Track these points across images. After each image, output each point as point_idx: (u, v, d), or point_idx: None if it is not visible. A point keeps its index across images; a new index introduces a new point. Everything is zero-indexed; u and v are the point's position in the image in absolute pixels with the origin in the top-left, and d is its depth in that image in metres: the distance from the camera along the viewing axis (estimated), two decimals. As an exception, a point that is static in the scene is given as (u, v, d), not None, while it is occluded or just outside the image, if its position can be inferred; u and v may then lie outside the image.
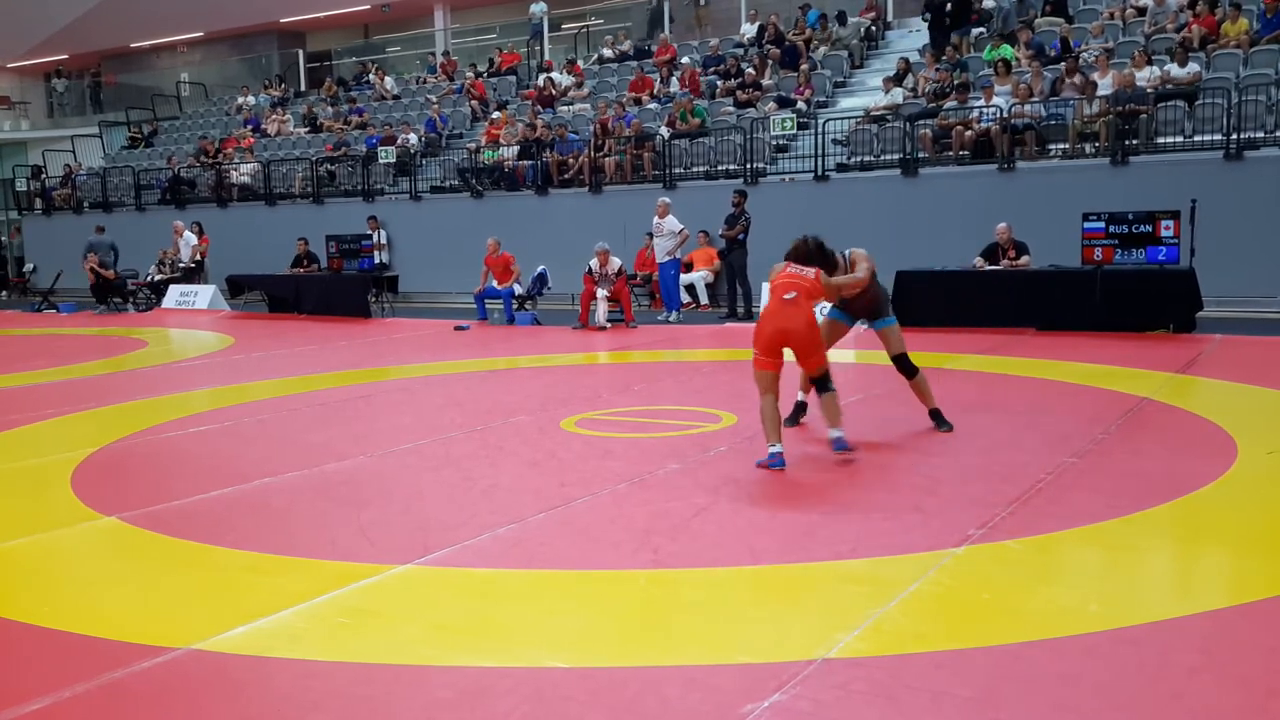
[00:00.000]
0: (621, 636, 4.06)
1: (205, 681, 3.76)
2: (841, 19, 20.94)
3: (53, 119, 35.46)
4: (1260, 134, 14.54)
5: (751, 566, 4.75)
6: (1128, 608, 4.14)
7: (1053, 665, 3.66)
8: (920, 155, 16.53)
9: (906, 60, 18.62)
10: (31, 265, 27.34)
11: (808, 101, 18.71)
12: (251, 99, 28.60)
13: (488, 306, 16.17)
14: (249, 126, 27.07)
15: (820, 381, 6.68)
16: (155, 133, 29.57)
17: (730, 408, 8.16)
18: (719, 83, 20.41)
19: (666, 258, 15.80)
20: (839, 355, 7.30)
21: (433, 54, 28.45)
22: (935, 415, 7.48)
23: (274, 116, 26.95)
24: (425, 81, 26.43)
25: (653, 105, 20.69)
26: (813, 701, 3.45)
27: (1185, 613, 4.11)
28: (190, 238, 21.52)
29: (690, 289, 17.00)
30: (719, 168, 18.43)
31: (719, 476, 6.41)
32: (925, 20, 19.59)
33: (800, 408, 7.72)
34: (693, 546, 5.07)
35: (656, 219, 15.96)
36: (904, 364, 7.46)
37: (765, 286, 7.69)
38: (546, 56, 25.36)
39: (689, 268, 17.00)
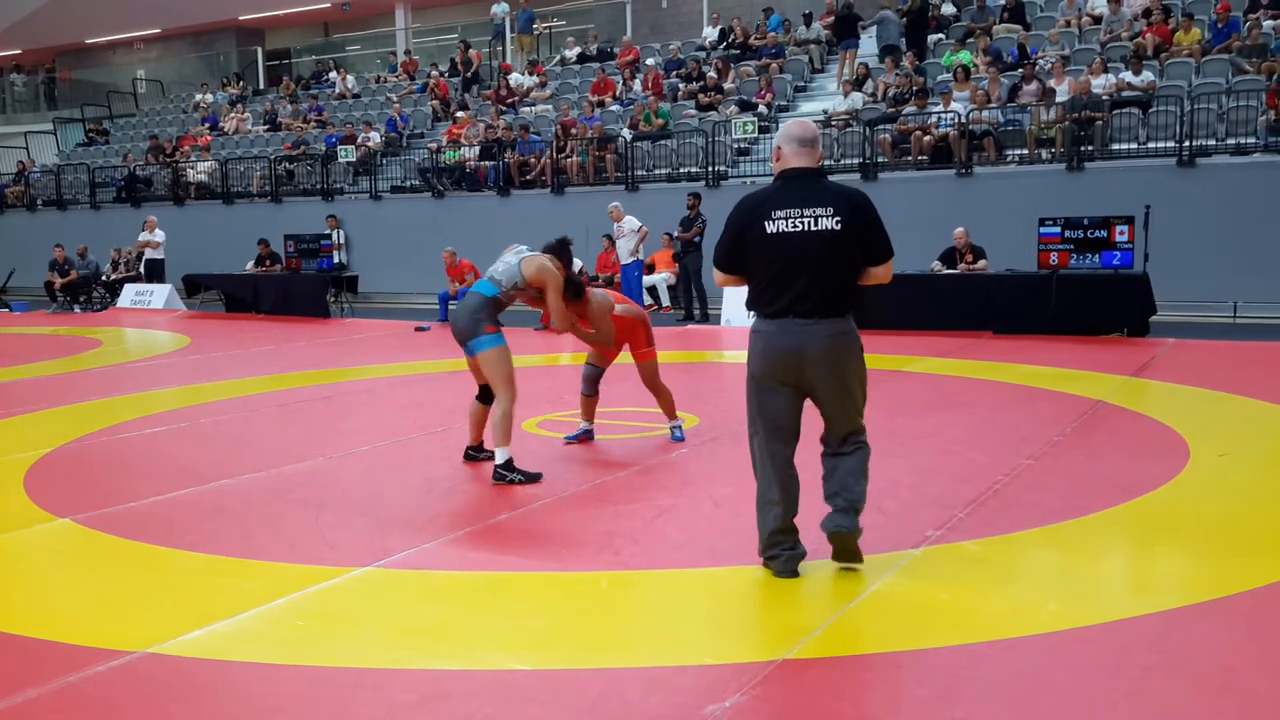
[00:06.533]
0: (583, 638, 4.05)
1: (163, 685, 3.72)
2: (808, 21, 21.06)
3: (5, 115, 34.87)
4: (1211, 141, 14.79)
5: (713, 568, 4.76)
6: (1085, 607, 4.19)
7: (1011, 664, 3.70)
8: (879, 160, 16.65)
9: (866, 65, 18.77)
10: None
11: (769, 105, 18.80)
12: (209, 97, 28.30)
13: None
14: (206, 124, 26.77)
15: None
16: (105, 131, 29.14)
17: (691, 409, 8.16)
18: (680, 85, 20.46)
19: (630, 259, 15.78)
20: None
21: (393, 53, 28.28)
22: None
23: (232, 114, 26.66)
24: (385, 80, 26.27)
25: (615, 107, 20.70)
26: (774, 702, 3.46)
27: (1141, 612, 4.17)
28: (160, 233, 21.16)
29: (652, 291, 17.01)
30: (681, 170, 18.46)
31: (680, 478, 6.43)
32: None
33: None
34: (654, 548, 5.08)
35: (615, 224, 15.95)
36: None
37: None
38: (507, 59, 25.28)
39: (651, 269, 17.00)
